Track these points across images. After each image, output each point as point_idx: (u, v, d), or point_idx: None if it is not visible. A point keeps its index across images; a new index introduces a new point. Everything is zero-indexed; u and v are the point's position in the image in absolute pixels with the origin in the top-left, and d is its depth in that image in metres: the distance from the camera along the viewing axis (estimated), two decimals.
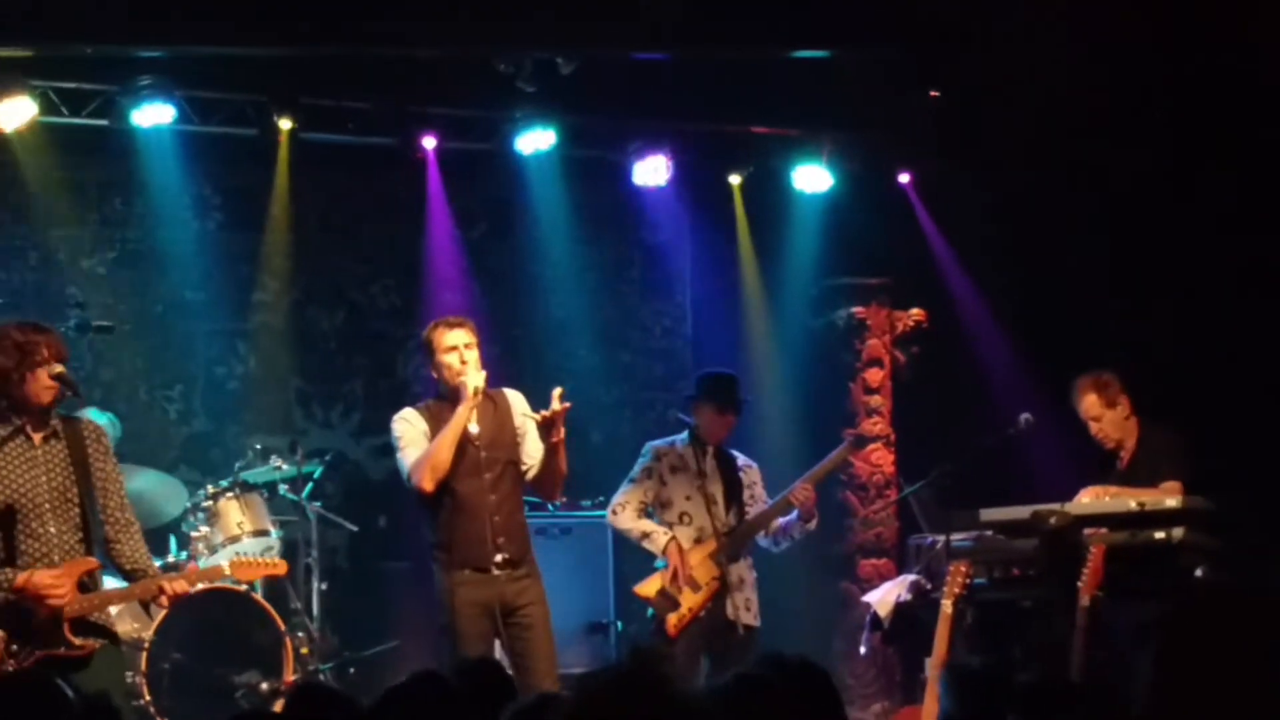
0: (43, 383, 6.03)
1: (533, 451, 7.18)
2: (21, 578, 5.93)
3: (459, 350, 7.06)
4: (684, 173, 10.60)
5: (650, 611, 7.94)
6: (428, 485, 6.94)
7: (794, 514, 8.08)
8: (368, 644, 9.43)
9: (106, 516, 6.19)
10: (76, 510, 6.10)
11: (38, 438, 6.08)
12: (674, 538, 7.88)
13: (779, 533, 8.15)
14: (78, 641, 6.04)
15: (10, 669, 5.78)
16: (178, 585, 6.19)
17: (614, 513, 8.09)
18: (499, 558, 7.04)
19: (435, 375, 7.19)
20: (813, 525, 8.13)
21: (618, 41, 9.73)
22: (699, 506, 7.98)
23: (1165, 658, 2.29)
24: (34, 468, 6.06)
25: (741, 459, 8.24)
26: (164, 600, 6.25)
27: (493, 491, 7.04)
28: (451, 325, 7.14)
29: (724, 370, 8.50)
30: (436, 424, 7.05)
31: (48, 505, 6.04)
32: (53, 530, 6.05)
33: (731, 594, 7.90)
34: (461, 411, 6.96)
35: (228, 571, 6.73)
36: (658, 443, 8.20)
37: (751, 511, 8.11)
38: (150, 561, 6.35)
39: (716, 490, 8.07)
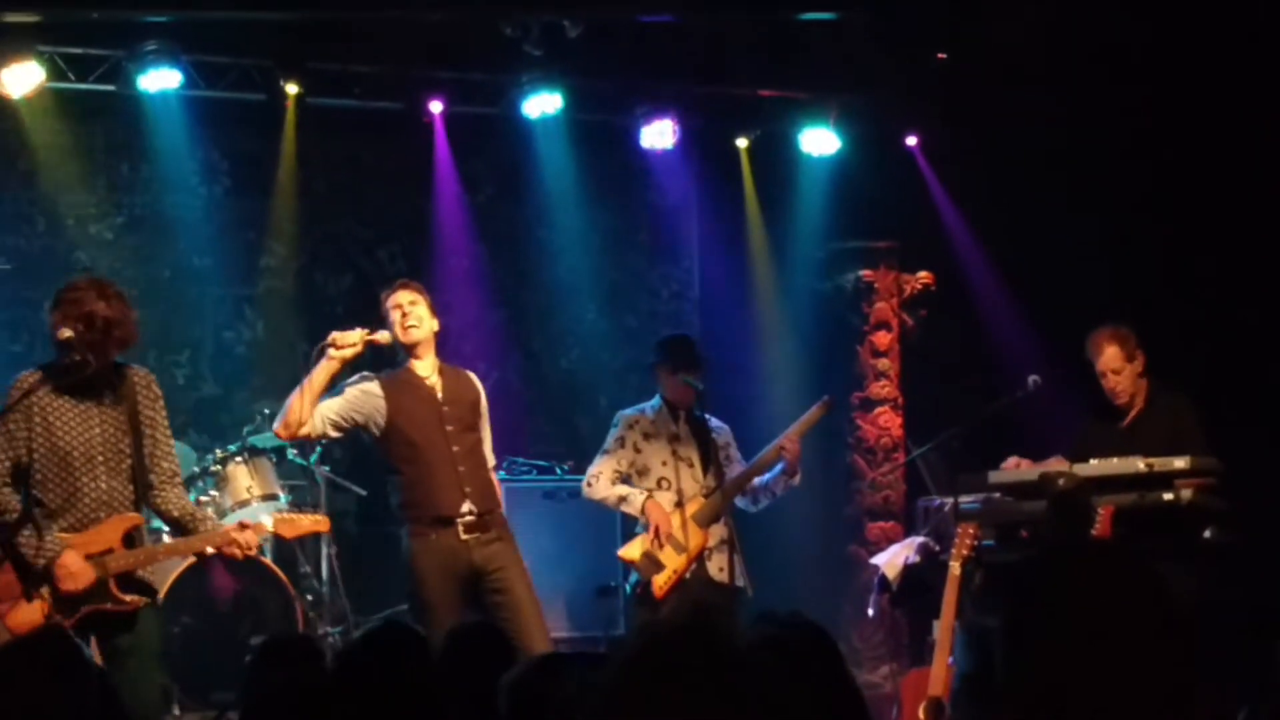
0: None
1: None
2: (63, 558, 5.95)
3: (401, 308, 7.33)
4: (691, 136, 10.58)
5: (634, 575, 7.87)
6: (277, 426, 7.17)
7: (777, 469, 7.97)
8: (376, 608, 9.43)
9: (153, 465, 6.21)
10: (128, 464, 6.14)
11: (94, 391, 6.11)
12: (650, 496, 7.80)
13: (758, 491, 8.03)
14: (124, 597, 6.06)
15: (58, 622, 5.81)
16: (248, 538, 6.22)
17: (588, 484, 7.97)
18: (466, 508, 7.07)
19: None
20: (796, 480, 8.02)
21: (625, 4, 9.70)
22: (676, 470, 7.90)
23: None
24: (88, 420, 6.08)
25: (714, 422, 8.06)
26: (237, 552, 6.23)
27: (456, 443, 7.17)
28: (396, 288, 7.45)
29: (679, 333, 8.84)
30: (396, 390, 7.24)
31: (100, 459, 6.07)
32: (104, 485, 6.07)
33: (714, 554, 7.85)
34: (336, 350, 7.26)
35: (271, 528, 6.70)
36: (627, 411, 8.07)
37: (730, 472, 8.01)
38: (201, 510, 6.38)
39: (692, 453, 7.97)
